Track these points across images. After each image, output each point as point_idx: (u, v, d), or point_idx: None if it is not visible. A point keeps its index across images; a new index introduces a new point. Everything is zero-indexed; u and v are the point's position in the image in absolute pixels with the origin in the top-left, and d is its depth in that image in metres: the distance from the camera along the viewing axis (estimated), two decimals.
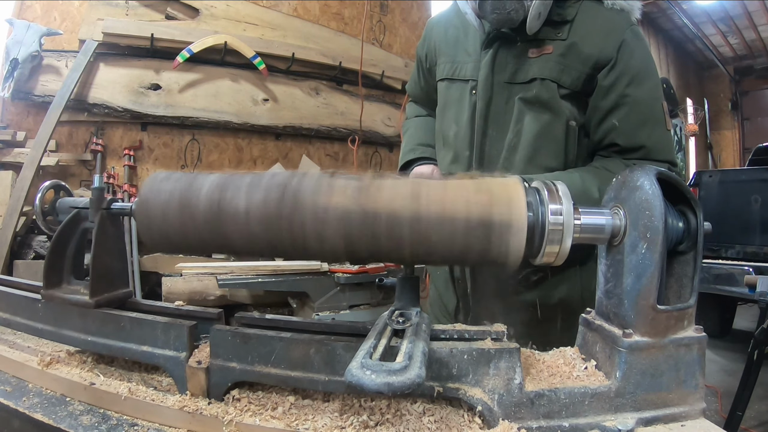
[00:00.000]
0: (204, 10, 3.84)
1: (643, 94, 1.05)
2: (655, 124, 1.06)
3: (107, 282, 0.83)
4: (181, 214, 0.68)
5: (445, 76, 1.22)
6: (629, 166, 1.01)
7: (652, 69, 1.09)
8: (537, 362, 0.74)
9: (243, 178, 0.68)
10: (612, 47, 1.03)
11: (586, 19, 1.06)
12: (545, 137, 1.08)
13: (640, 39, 1.07)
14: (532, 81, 1.07)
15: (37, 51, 3.24)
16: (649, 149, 1.05)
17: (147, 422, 0.72)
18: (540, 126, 1.07)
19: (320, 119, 4.28)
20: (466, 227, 0.61)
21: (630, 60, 1.04)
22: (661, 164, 1.04)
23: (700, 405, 0.68)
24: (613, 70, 1.04)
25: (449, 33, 1.22)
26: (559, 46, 1.06)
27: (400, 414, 0.68)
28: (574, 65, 1.05)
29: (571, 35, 1.06)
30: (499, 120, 1.11)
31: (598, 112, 1.07)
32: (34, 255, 3.18)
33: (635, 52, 1.05)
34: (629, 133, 1.05)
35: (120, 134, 3.71)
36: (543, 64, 1.06)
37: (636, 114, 1.04)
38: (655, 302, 0.64)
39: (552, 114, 1.07)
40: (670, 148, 1.08)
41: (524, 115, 1.08)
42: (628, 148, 1.05)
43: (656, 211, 0.63)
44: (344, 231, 0.62)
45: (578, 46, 1.05)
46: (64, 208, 0.94)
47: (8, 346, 0.92)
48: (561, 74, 1.06)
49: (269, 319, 0.80)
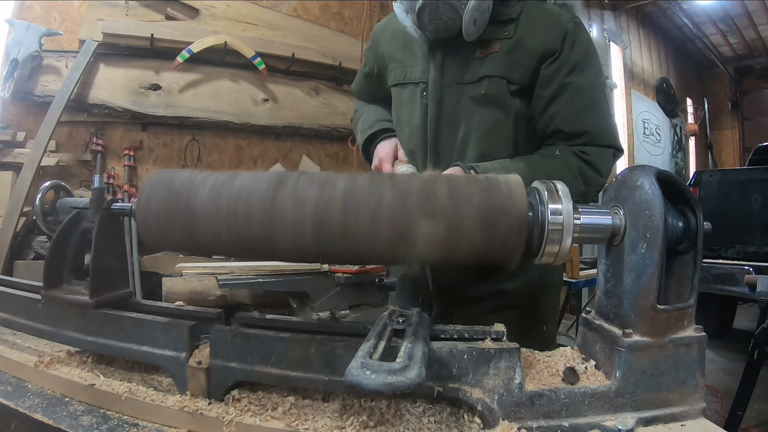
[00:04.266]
0: (204, 10, 3.85)
1: (584, 81, 1.07)
2: (597, 110, 1.09)
3: (107, 282, 0.83)
4: (181, 214, 0.68)
5: (397, 82, 1.24)
6: (575, 153, 1.05)
7: (593, 58, 1.11)
8: (537, 362, 0.74)
9: (243, 177, 0.68)
10: (555, 39, 1.06)
11: (530, 16, 1.09)
12: (496, 133, 1.10)
13: (581, 30, 1.10)
14: (481, 79, 1.09)
15: (37, 51, 3.25)
16: (592, 134, 1.07)
17: (147, 422, 0.72)
18: (490, 122, 1.10)
19: (320, 119, 4.28)
20: (467, 227, 0.61)
21: (571, 50, 1.06)
22: (605, 149, 1.08)
23: (700, 405, 0.68)
24: (556, 61, 1.07)
25: (397, 38, 1.24)
26: (505, 44, 1.08)
27: (400, 414, 0.68)
28: (521, 60, 1.08)
29: (516, 32, 1.08)
30: (451, 119, 1.14)
31: (541, 101, 1.09)
32: (34, 255, 3.18)
33: (577, 41, 1.07)
34: (572, 119, 1.07)
35: (120, 134, 3.72)
36: (491, 62, 1.09)
37: (578, 100, 1.07)
38: (654, 302, 0.64)
39: (501, 110, 1.10)
40: (613, 133, 1.11)
41: (474, 113, 1.11)
42: (572, 134, 1.07)
43: (656, 211, 0.63)
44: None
45: (524, 41, 1.07)
46: (64, 209, 0.94)
47: (8, 347, 0.92)
48: (509, 70, 1.08)
49: (269, 319, 0.80)
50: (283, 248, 0.65)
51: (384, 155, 1.22)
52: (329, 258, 0.70)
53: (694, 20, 8.05)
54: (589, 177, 1.05)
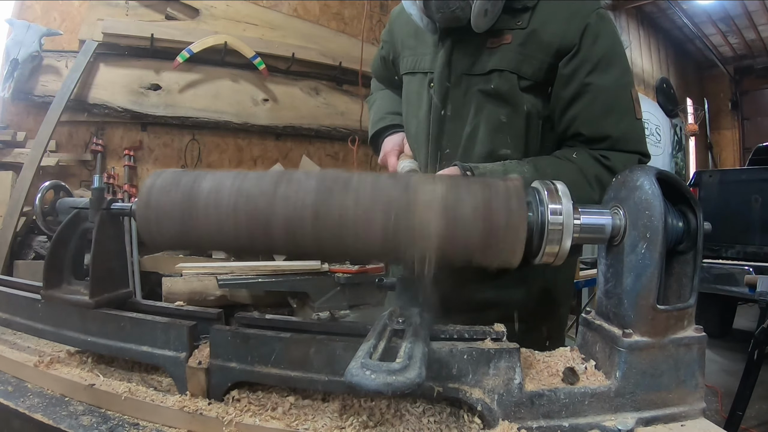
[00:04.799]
0: (204, 10, 3.84)
1: (608, 81, 0.99)
2: (622, 113, 1.00)
3: (107, 282, 0.83)
4: (181, 214, 0.68)
5: (407, 70, 1.18)
6: (596, 157, 0.98)
7: (618, 55, 1.02)
8: (537, 362, 0.74)
9: (243, 177, 0.68)
10: (574, 33, 0.98)
11: (548, 6, 1.01)
12: (504, 131, 1.03)
13: (606, 22, 1.00)
14: (491, 72, 1.02)
15: (37, 51, 3.24)
16: (616, 139, 0.99)
17: (147, 422, 0.72)
18: (499, 119, 1.03)
19: (320, 119, 4.28)
20: (468, 228, 0.61)
21: (593, 46, 0.98)
22: (631, 155, 1.00)
23: (700, 405, 0.68)
24: (575, 58, 0.98)
25: (411, 24, 1.14)
26: (518, 35, 1.01)
27: (400, 414, 0.68)
28: (534, 54, 1.00)
29: (531, 23, 1.00)
30: (457, 113, 1.07)
31: (560, 102, 1.02)
32: (34, 255, 3.18)
33: (600, 37, 0.98)
34: (593, 123, 1.00)
35: (120, 134, 3.71)
36: (502, 54, 1.01)
37: (600, 102, 0.99)
38: (654, 302, 0.64)
39: (511, 107, 1.02)
40: (640, 138, 1.03)
41: (483, 108, 1.04)
42: (593, 138, 1.00)
43: (656, 211, 0.63)
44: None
45: (538, 34, 1.00)
46: (64, 209, 0.94)
47: (8, 346, 0.92)
48: (521, 65, 1.01)
49: (269, 319, 0.80)
50: (279, 244, 0.65)
51: (389, 149, 1.18)
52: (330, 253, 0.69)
53: (694, 20, 8.04)
54: (607, 185, 0.95)
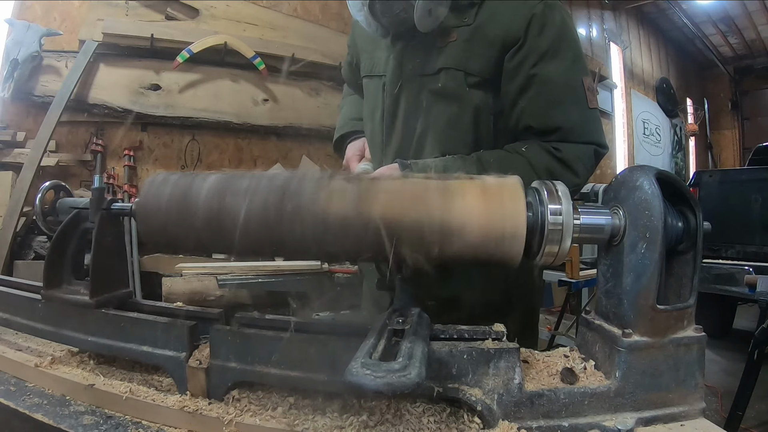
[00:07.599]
0: (204, 10, 3.84)
1: (555, 71, 0.96)
2: (572, 103, 0.98)
3: (107, 282, 0.83)
4: (181, 215, 0.68)
5: (365, 74, 1.19)
6: (547, 149, 0.96)
7: (567, 43, 0.99)
8: (537, 362, 0.74)
9: (243, 178, 0.68)
10: (519, 25, 0.96)
11: (494, 0, 0.99)
12: (453, 128, 1.02)
13: (553, 12, 0.97)
14: (439, 72, 1.01)
15: (37, 51, 3.24)
16: (567, 130, 0.97)
17: (147, 422, 0.72)
18: (448, 117, 1.02)
19: (320, 119, 4.27)
20: (470, 230, 0.61)
21: (539, 36, 0.96)
22: (584, 146, 0.98)
23: (699, 404, 0.68)
24: (521, 50, 0.96)
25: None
26: (463, 32, 0.99)
27: (400, 414, 0.68)
28: (480, 50, 0.99)
29: (477, 19, 0.99)
30: (408, 114, 1.06)
31: (508, 96, 1.00)
32: (34, 255, 3.18)
33: (546, 26, 0.96)
34: (541, 115, 0.97)
35: (120, 134, 3.71)
36: (449, 53, 1.01)
37: (547, 93, 0.97)
38: (654, 302, 0.64)
39: (459, 104, 1.01)
40: (593, 127, 1.00)
41: (432, 108, 1.03)
42: (543, 131, 0.98)
43: (656, 211, 0.63)
44: (344, 236, 0.62)
45: (483, 29, 0.98)
46: (64, 209, 0.94)
47: (8, 347, 0.92)
48: (467, 62, 0.99)
49: (269, 319, 0.80)
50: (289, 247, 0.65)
51: (351, 155, 1.19)
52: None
53: (694, 20, 8.05)
54: (559, 177, 0.92)
